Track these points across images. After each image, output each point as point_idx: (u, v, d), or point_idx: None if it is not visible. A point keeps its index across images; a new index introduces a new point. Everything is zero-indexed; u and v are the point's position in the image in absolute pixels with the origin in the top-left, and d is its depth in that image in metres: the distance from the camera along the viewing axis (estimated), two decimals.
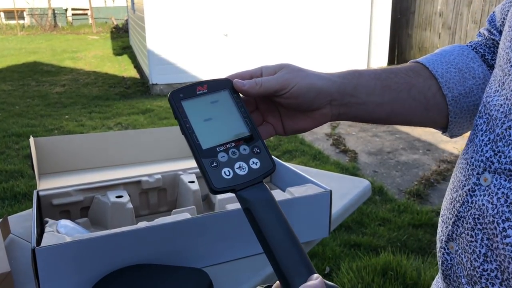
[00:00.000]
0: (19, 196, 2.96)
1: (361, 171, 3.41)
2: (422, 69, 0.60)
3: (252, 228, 0.43)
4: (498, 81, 0.47)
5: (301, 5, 6.44)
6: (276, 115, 0.57)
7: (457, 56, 0.61)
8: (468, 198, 0.47)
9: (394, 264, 2.10)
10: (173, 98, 0.49)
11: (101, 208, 0.98)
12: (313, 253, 2.24)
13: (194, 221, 0.83)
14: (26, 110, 5.24)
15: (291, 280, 0.39)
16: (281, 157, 3.63)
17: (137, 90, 6.45)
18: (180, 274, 0.78)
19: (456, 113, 0.60)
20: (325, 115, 0.56)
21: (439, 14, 6.58)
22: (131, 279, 0.76)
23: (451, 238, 0.49)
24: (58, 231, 0.81)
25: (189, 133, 0.46)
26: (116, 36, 13.03)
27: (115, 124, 4.67)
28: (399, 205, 2.80)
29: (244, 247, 0.88)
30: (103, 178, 1.03)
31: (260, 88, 0.51)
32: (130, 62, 8.60)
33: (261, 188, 0.44)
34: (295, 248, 0.41)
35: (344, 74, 0.57)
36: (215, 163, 0.45)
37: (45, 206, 0.96)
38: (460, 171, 0.49)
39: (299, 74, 0.53)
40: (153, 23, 5.94)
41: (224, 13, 6.15)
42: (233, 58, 6.25)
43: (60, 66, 8.22)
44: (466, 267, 0.46)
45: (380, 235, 2.46)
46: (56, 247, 0.72)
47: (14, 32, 13.86)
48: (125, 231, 0.78)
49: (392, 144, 4.01)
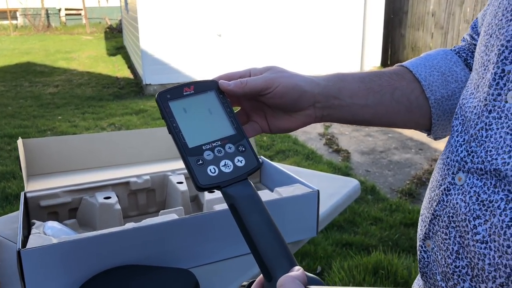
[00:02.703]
0: (10, 198, 2.95)
1: (354, 170, 3.43)
2: (406, 72, 0.61)
3: (237, 223, 0.44)
4: (474, 84, 0.49)
5: (294, 6, 6.45)
6: (262, 115, 0.58)
7: (441, 60, 0.62)
8: (444, 197, 0.48)
9: (386, 263, 2.11)
10: (160, 98, 0.50)
11: (89, 210, 0.99)
12: (304, 253, 2.25)
13: (181, 222, 0.84)
14: (18, 111, 5.21)
15: (273, 273, 0.41)
16: (274, 157, 3.64)
17: (130, 90, 6.44)
18: (167, 274, 0.78)
19: (439, 115, 0.61)
20: (309, 116, 0.57)
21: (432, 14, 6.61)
22: (118, 280, 0.76)
23: (427, 236, 0.50)
24: (45, 233, 0.82)
25: (176, 132, 0.48)
26: (110, 36, 12.98)
27: (108, 125, 4.66)
28: (391, 204, 2.82)
29: (231, 247, 0.89)
30: (92, 179, 1.03)
31: (245, 87, 0.53)
32: (124, 63, 8.58)
33: (245, 185, 0.46)
34: (277, 242, 0.42)
35: (329, 77, 0.58)
36: (201, 161, 0.46)
37: (33, 207, 0.96)
38: (438, 171, 0.51)
39: (283, 74, 0.55)
40: (147, 23, 5.93)
41: (218, 13, 6.15)
42: (226, 59, 6.25)
43: (54, 67, 8.19)
44: (441, 264, 0.48)
45: (372, 234, 2.48)
46: (41, 249, 0.73)
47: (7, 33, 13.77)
48: (111, 232, 0.78)
49: (384, 143, 4.03)
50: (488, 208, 0.41)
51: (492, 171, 0.42)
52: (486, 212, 0.42)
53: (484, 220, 0.42)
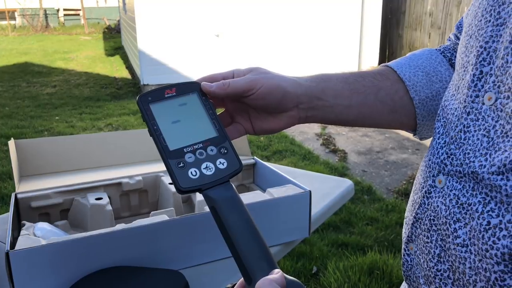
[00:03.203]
0: (6, 198, 2.95)
1: (351, 170, 3.43)
2: (391, 72, 0.61)
3: (218, 226, 0.44)
4: (455, 85, 0.48)
5: (292, 6, 6.45)
6: (245, 116, 0.58)
7: (425, 60, 0.62)
8: (425, 200, 0.48)
9: (381, 264, 2.11)
10: (141, 101, 0.50)
11: (80, 210, 0.98)
12: (300, 253, 2.25)
13: (171, 223, 0.84)
14: (16, 111, 5.21)
15: (253, 275, 0.40)
16: (271, 157, 3.64)
17: (128, 90, 6.43)
18: (156, 275, 0.78)
19: (423, 115, 0.61)
20: (293, 117, 0.57)
21: (429, 14, 6.62)
22: (107, 281, 0.76)
23: (410, 240, 0.50)
24: (35, 234, 0.82)
25: (157, 135, 0.47)
26: (108, 36, 12.97)
27: (105, 125, 4.65)
28: (387, 204, 2.82)
29: (221, 248, 0.89)
30: (84, 180, 1.03)
31: (227, 89, 0.52)
32: (122, 63, 8.57)
33: (227, 187, 0.46)
34: (257, 244, 0.42)
35: (312, 77, 0.58)
36: (182, 164, 0.46)
37: (24, 208, 0.96)
38: (421, 174, 0.50)
39: (266, 76, 0.54)
40: (144, 24, 5.93)
41: (216, 13, 6.15)
42: (224, 59, 6.25)
43: (52, 67, 8.18)
44: (423, 267, 0.47)
45: (367, 234, 2.48)
46: (30, 250, 0.72)
47: (5, 33, 13.75)
48: (101, 233, 0.78)
49: (381, 143, 4.04)
50: (467, 211, 0.41)
51: (470, 173, 0.42)
52: (465, 215, 0.41)
53: (464, 223, 0.41)
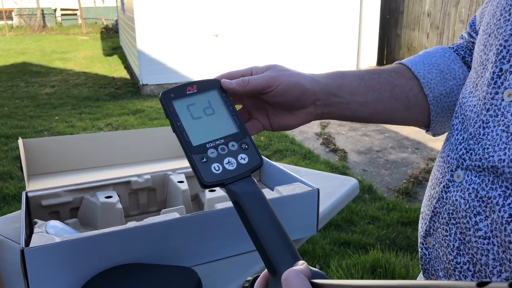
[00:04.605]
0: (8, 198, 2.94)
1: (351, 170, 3.44)
2: (405, 70, 0.62)
3: (241, 219, 0.45)
4: (472, 82, 0.49)
5: (290, 5, 6.47)
6: (263, 113, 0.59)
7: (439, 57, 0.63)
8: (443, 194, 0.49)
9: (383, 262, 2.12)
10: (164, 98, 0.51)
11: (90, 209, 0.99)
12: (303, 252, 2.26)
13: (183, 221, 0.84)
14: (15, 111, 5.19)
15: (278, 267, 0.41)
16: (272, 157, 3.64)
17: (127, 90, 6.43)
18: (169, 272, 0.79)
19: (437, 112, 0.62)
20: (310, 113, 0.58)
21: (427, 14, 6.64)
22: (120, 278, 0.76)
23: (428, 233, 0.51)
24: (47, 232, 0.82)
25: (180, 131, 0.48)
26: (106, 36, 12.95)
27: (105, 125, 4.65)
28: (388, 203, 2.83)
29: (233, 245, 0.90)
30: (92, 178, 1.04)
31: (247, 86, 0.53)
32: (120, 63, 8.56)
33: (249, 182, 0.47)
34: (281, 237, 0.43)
35: (328, 75, 0.59)
36: (205, 159, 0.47)
37: (34, 207, 0.97)
38: (437, 169, 0.51)
39: (284, 73, 0.56)
40: (143, 24, 5.93)
41: (215, 13, 6.15)
42: (223, 59, 6.25)
43: (50, 67, 8.16)
44: (443, 260, 0.48)
45: (369, 233, 2.49)
46: (45, 248, 0.73)
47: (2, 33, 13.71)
48: (114, 231, 0.78)
49: (381, 143, 4.05)
50: (488, 204, 0.42)
51: (489, 168, 0.43)
52: (486, 208, 0.42)
53: (484, 216, 0.42)
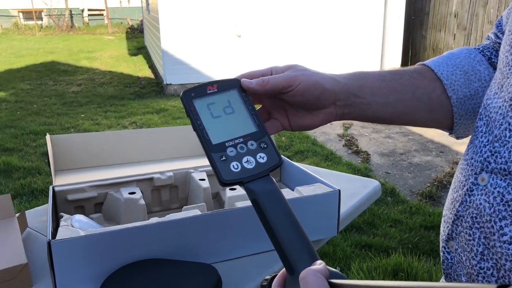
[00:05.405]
0: (36, 192, 3.03)
1: (373, 172, 3.40)
2: (428, 71, 0.61)
3: (259, 218, 0.45)
4: (498, 83, 0.48)
5: (314, 6, 6.44)
6: (283, 113, 0.59)
7: (464, 59, 0.62)
8: (467, 197, 0.48)
9: (405, 266, 2.09)
10: (185, 97, 0.52)
11: (114, 204, 1.01)
12: (323, 253, 2.25)
13: (204, 218, 0.85)
14: (43, 109, 5.34)
15: (295, 266, 0.41)
16: (293, 158, 3.64)
17: (151, 90, 6.52)
18: (190, 269, 0.80)
19: (461, 114, 0.61)
20: (330, 114, 0.58)
21: (454, 15, 6.51)
22: (142, 273, 0.78)
23: (451, 237, 0.50)
24: (72, 225, 0.84)
25: (200, 129, 0.49)
26: (131, 36, 13.17)
27: (129, 123, 4.73)
28: (411, 206, 2.79)
29: (253, 244, 0.90)
30: (116, 175, 1.06)
31: (266, 85, 0.54)
32: (145, 63, 8.70)
33: (267, 181, 0.47)
34: (299, 236, 0.43)
35: (349, 75, 0.59)
36: (224, 157, 0.47)
37: (61, 201, 0.99)
38: (461, 172, 0.50)
39: (304, 72, 0.56)
40: (168, 24, 6.00)
41: (238, 14, 6.18)
42: (246, 59, 6.27)
43: (77, 66, 8.35)
44: (465, 265, 0.47)
45: (391, 236, 2.46)
46: (70, 241, 0.75)
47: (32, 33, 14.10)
48: (136, 226, 0.80)
49: (405, 145, 3.99)
50: None
51: None
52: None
53: (510, 221, 0.41)
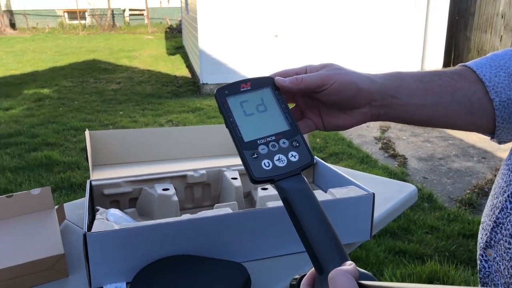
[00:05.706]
0: (74, 186, 3.13)
1: (410, 177, 3.31)
2: (469, 72, 0.59)
3: (290, 216, 0.45)
4: None
5: (353, 5, 6.34)
6: (316, 112, 0.58)
7: (508, 60, 0.59)
8: (508, 204, 0.45)
9: (441, 274, 2.02)
10: (219, 94, 0.52)
11: (148, 200, 1.03)
12: (356, 257, 2.21)
13: (235, 216, 0.85)
14: (84, 106, 5.52)
15: (325, 266, 0.41)
16: (327, 160, 3.59)
17: (188, 89, 6.62)
18: (220, 266, 0.80)
19: (504, 118, 0.58)
20: (365, 114, 0.56)
21: (501, 15, 6.25)
22: (172, 268, 0.79)
23: (489, 245, 0.48)
24: (107, 219, 0.86)
25: (233, 127, 0.49)
26: (170, 36, 13.42)
27: (166, 121, 4.82)
28: (449, 213, 2.69)
29: (284, 245, 0.89)
30: (151, 171, 1.08)
31: (300, 84, 0.53)
32: (182, 62, 8.84)
33: (298, 180, 0.46)
34: (329, 235, 0.42)
35: (386, 75, 0.57)
36: (255, 155, 0.47)
37: (97, 195, 1.02)
38: (502, 177, 0.48)
39: (339, 71, 0.55)
40: (205, 24, 6.07)
41: (275, 14, 6.17)
42: (282, 59, 6.26)
43: (117, 64, 8.59)
44: (504, 274, 0.45)
45: (427, 243, 2.38)
46: (105, 234, 0.77)
47: (76, 32, 14.62)
48: (169, 222, 0.81)
49: (444, 150, 3.86)
50: None
51: None
52: None
53: None
